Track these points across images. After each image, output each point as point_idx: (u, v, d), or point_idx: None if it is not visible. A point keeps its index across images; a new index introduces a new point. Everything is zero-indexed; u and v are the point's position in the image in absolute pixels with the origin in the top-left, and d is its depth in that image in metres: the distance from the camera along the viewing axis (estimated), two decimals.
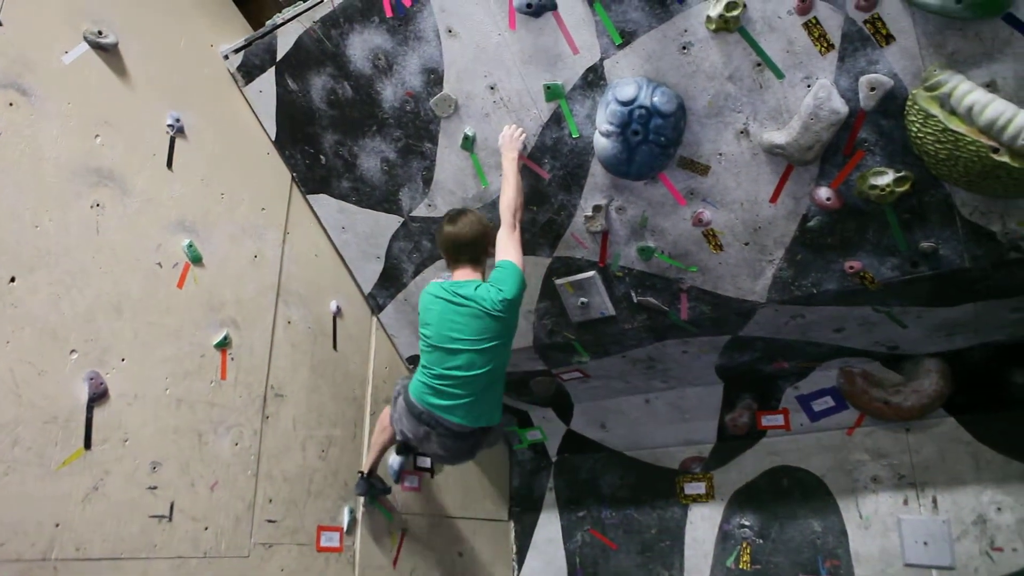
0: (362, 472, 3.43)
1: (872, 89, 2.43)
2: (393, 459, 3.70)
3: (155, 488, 2.54)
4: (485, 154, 3.10)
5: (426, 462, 3.93)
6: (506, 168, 2.88)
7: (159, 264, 2.77)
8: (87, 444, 2.39)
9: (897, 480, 3.56)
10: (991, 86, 2.28)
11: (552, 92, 2.85)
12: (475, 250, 2.86)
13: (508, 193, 2.84)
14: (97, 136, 2.66)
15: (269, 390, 3.11)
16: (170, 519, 2.58)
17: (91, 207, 2.58)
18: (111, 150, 2.69)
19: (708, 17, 2.49)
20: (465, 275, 2.82)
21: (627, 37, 2.65)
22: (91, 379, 2.43)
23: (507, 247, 2.78)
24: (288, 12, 3.14)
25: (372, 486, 3.41)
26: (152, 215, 2.79)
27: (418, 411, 2.76)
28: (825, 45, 2.43)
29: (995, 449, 3.39)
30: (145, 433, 2.56)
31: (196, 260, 2.90)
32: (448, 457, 3.00)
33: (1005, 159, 2.25)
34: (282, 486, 3.08)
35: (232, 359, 2.97)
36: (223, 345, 2.93)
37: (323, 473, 3.30)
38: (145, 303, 2.68)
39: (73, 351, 2.42)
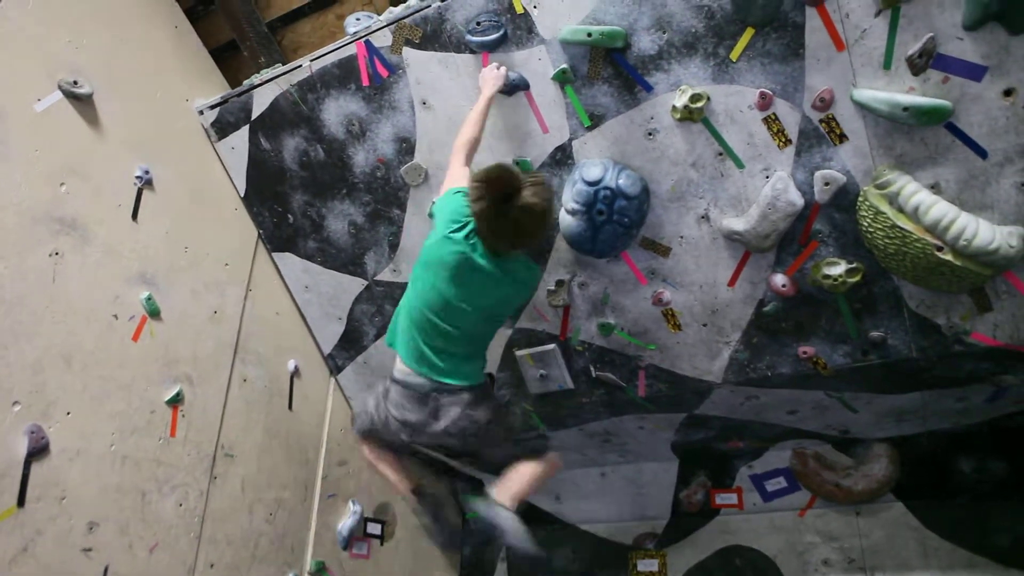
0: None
1: (826, 184, 2.54)
2: (342, 525, 3.62)
3: (90, 550, 2.44)
4: None
5: (376, 529, 3.84)
6: (477, 105, 2.63)
7: (115, 316, 2.72)
8: (20, 502, 2.28)
9: (847, 564, 3.57)
10: (935, 188, 2.40)
11: (520, 168, 2.91)
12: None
13: (467, 130, 2.58)
14: (63, 184, 2.64)
15: (219, 449, 3.04)
16: None
17: (50, 255, 2.54)
18: (76, 199, 2.67)
19: (674, 107, 2.60)
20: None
21: (596, 120, 2.74)
22: (32, 433, 2.34)
23: (459, 173, 2.53)
24: (266, 73, 3.19)
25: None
26: (112, 266, 2.75)
27: (416, 383, 2.55)
28: (783, 140, 2.54)
29: (941, 536, 3.44)
30: (85, 491, 2.47)
31: (154, 314, 2.86)
32: (464, 434, 2.57)
33: (948, 257, 2.37)
34: (225, 550, 2.97)
35: (183, 416, 2.89)
36: (175, 401, 2.86)
37: (269, 537, 3.20)
38: (97, 356, 2.62)
39: (16, 403, 2.34)
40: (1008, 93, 2.21)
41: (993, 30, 2.15)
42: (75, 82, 2.74)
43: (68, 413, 2.47)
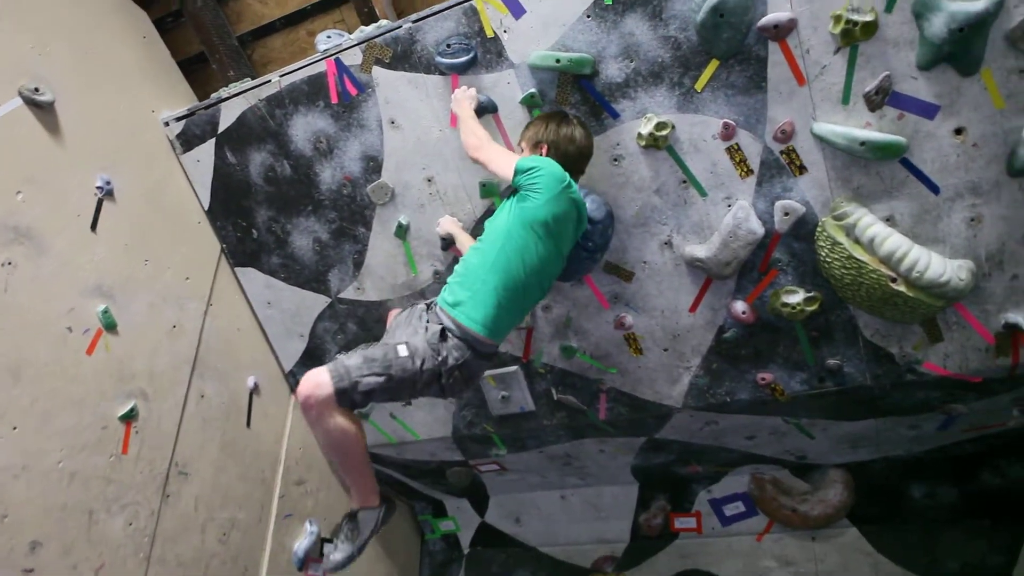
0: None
1: (786, 214, 2.59)
2: (298, 545, 3.55)
3: (31, 571, 2.35)
4: (417, 243, 3.14)
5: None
6: (466, 122, 2.59)
7: (69, 329, 2.65)
8: None
9: None
10: (890, 220, 2.48)
11: (487, 190, 2.93)
12: (588, 161, 2.56)
13: (469, 139, 2.53)
14: (19, 193, 2.58)
15: (173, 467, 2.96)
16: None
17: (2, 265, 2.47)
18: (32, 208, 2.61)
19: (639, 134, 2.64)
20: None
21: None
22: None
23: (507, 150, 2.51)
24: (235, 87, 3.17)
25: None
26: (68, 277, 2.69)
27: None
28: (745, 169, 2.60)
29: (894, 561, 3.50)
30: (28, 510, 2.38)
31: (110, 327, 2.80)
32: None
33: (902, 288, 2.43)
34: (175, 571, 2.89)
35: (136, 433, 2.82)
36: (129, 417, 2.79)
37: (222, 559, 3.13)
38: (48, 369, 2.55)
39: None
40: (959, 132, 2.29)
41: (945, 71, 2.23)
42: (36, 89, 2.69)
43: (14, 428, 2.39)
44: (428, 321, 2.43)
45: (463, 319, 2.32)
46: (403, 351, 2.31)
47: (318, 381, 2.22)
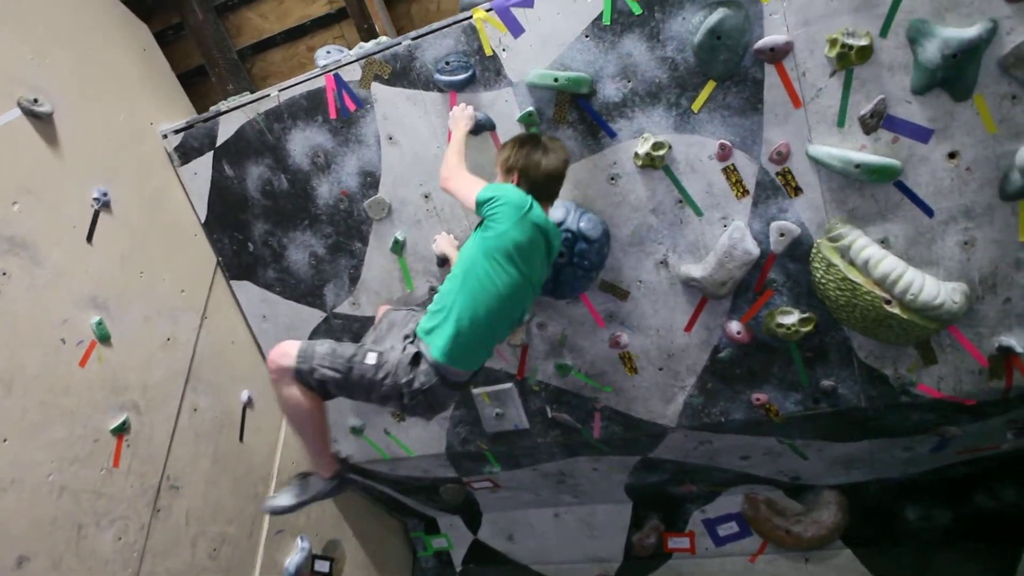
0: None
1: (782, 235, 2.60)
2: (289, 561, 3.53)
3: None
4: (413, 259, 3.15)
5: (324, 566, 3.74)
6: (454, 144, 2.58)
7: (63, 340, 2.65)
8: None
9: None
10: (885, 243, 2.49)
11: None
12: (561, 184, 2.48)
13: (441, 170, 2.53)
14: (15, 203, 2.58)
15: (164, 481, 2.95)
16: None
17: None
18: (28, 218, 2.61)
19: (636, 153, 2.65)
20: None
21: None
22: None
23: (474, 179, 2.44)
24: (233, 101, 3.18)
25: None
26: (63, 288, 2.68)
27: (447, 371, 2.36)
28: (741, 190, 2.61)
29: None
30: (17, 524, 2.36)
31: (104, 339, 2.79)
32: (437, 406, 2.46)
33: (896, 310, 2.44)
34: None
35: (128, 446, 2.81)
36: (121, 430, 2.78)
37: (212, 573, 3.10)
38: (41, 380, 2.54)
39: None
40: (952, 156, 2.31)
41: (939, 95, 2.25)
42: (35, 100, 2.70)
43: (4, 440, 2.38)
44: (411, 341, 2.43)
45: (433, 348, 2.33)
46: (371, 359, 2.34)
47: (286, 352, 2.33)
